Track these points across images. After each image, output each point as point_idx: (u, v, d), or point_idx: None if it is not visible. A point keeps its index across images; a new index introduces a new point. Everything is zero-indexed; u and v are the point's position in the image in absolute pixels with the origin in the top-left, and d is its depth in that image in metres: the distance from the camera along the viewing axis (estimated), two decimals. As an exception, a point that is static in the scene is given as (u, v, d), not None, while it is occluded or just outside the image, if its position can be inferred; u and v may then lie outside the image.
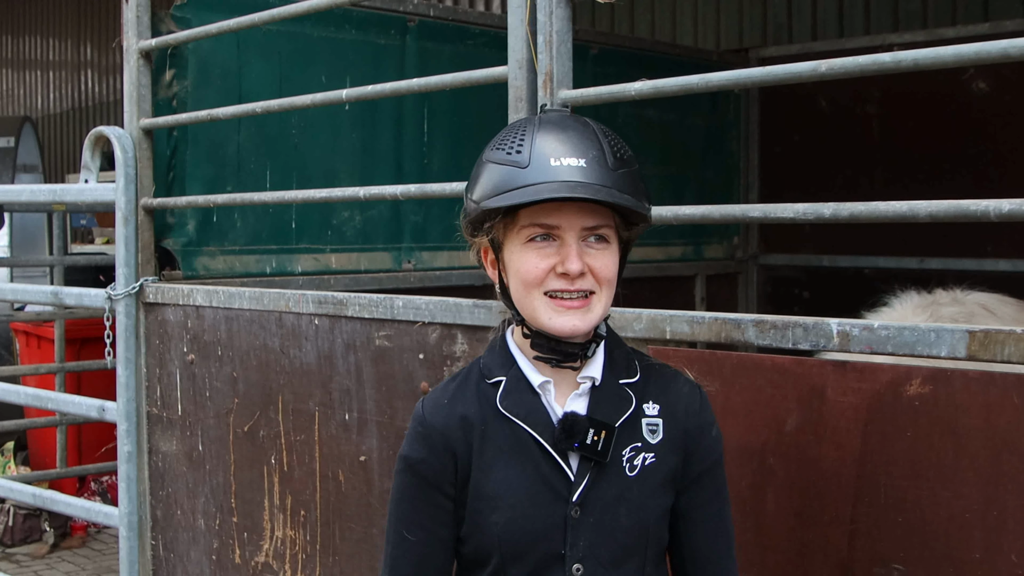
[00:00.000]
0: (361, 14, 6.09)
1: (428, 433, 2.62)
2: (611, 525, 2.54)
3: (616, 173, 2.49)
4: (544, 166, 2.46)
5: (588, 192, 2.42)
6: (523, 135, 2.53)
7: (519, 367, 2.63)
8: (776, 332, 3.12)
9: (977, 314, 4.22)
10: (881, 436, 2.90)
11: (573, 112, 3.69)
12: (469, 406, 2.62)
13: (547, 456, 2.55)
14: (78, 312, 8.94)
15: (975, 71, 7.27)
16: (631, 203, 2.48)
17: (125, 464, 5.46)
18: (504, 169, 2.50)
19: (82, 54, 20.71)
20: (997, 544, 2.72)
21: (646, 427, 2.60)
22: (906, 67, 2.90)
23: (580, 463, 2.55)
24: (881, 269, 7.78)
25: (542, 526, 2.53)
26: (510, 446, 2.58)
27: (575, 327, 2.51)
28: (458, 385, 2.69)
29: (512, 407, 2.59)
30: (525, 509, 2.54)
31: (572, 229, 2.49)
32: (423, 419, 2.65)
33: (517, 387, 2.61)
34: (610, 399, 2.60)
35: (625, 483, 2.55)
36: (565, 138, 2.51)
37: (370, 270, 6.22)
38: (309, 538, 4.68)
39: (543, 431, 2.56)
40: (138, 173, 5.40)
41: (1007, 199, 2.72)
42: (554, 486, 2.54)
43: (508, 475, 2.56)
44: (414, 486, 2.64)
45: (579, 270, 2.48)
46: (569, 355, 2.58)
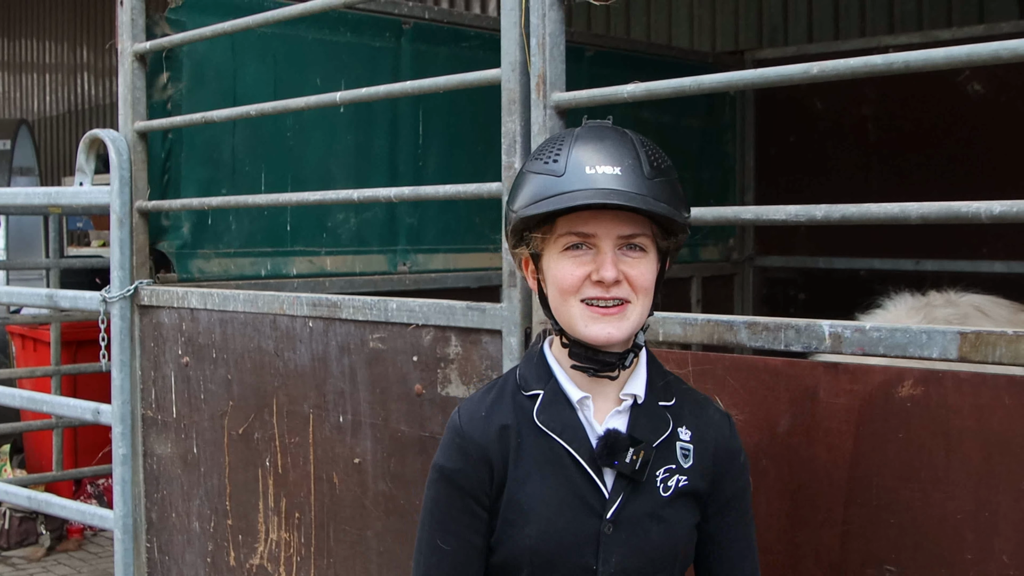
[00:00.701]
0: (356, 17, 6.09)
1: (465, 445, 2.63)
2: (642, 543, 2.55)
3: (652, 181, 2.49)
4: (579, 174, 2.48)
5: (622, 199, 2.44)
6: (561, 145, 2.55)
7: (557, 380, 2.64)
8: (768, 334, 3.12)
9: (971, 316, 4.22)
10: (873, 437, 2.90)
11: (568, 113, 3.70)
12: (507, 419, 2.63)
13: (582, 472, 2.56)
14: (74, 315, 8.93)
15: (970, 73, 7.27)
16: (667, 211, 2.49)
17: (120, 467, 5.46)
18: (541, 178, 2.52)
19: (78, 57, 20.72)
20: (989, 545, 2.72)
21: (680, 450, 2.62)
22: (897, 69, 2.90)
23: (615, 480, 2.56)
24: (877, 271, 7.79)
25: (574, 540, 2.54)
26: (545, 459, 2.58)
27: (610, 335, 2.52)
28: (495, 397, 2.69)
29: (549, 421, 2.60)
30: (558, 523, 2.55)
31: (608, 237, 2.50)
32: (460, 430, 2.65)
33: (555, 401, 2.62)
34: (650, 419, 2.61)
35: (658, 503, 2.57)
36: (601, 147, 2.53)
37: (365, 272, 6.22)
38: (303, 540, 4.68)
39: (579, 447, 2.57)
40: (133, 176, 5.40)
41: (998, 201, 2.72)
42: (588, 501, 2.55)
43: (543, 488, 2.57)
44: (450, 496, 2.64)
45: (614, 278, 2.49)
46: (607, 364, 2.59)
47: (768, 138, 8.40)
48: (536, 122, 3.70)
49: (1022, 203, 2.67)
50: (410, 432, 4.19)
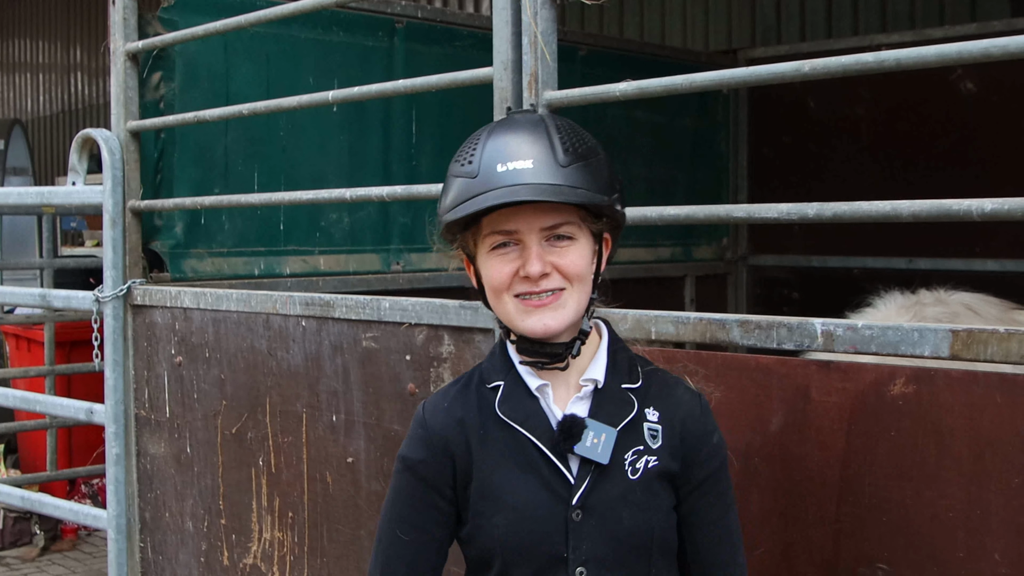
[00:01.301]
0: (349, 16, 6.09)
1: (427, 435, 2.65)
2: (614, 527, 2.53)
3: (567, 169, 2.48)
4: (491, 174, 2.47)
5: (532, 194, 2.43)
6: (475, 144, 2.55)
7: (517, 371, 2.64)
8: (761, 332, 3.13)
9: (961, 314, 4.22)
10: (865, 436, 2.90)
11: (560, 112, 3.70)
12: (468, 410, 2.64)
13: (546, 460, 2.56)
14: (68, 315, 8.92)
15: (963, 72, 7.28)
16: (584, 197, 2.48)
17: (113, 466, 5.46)
18: (460, 181, 2.52)
19: (71, 57, 20.72)
20: (980, 543, 2.72)
21: (648, 431, 2.59)
22: (889, 67, 2.91)
23: (581, 466, 2.55)
24: (870, 269, 7.80)
25: (543, 529, 2.53)
26: (510, 450, 2.58)
27: (547, 326, 2.52)
28: (459, 389, 2.70)
29: (510, 412, 2.60)
30: (526, 512, 2.54)
31: (531, 231, 2.50)
32: (423, 421, 2.67)
33: (515, 392, 2.62)
34: (612, 402, 2.60)
35: (627, 485, 2.55)
36: (513, 141, 2.51)
37: (358, 272, 6.22)
38: (297, 540, 4.68)
39: (541, 435, 2.57)
40: (125, 175, 5.40)
41: (989, 199, 2.73)
42: (555, 489, 2.54)
43: (509, 478, 2.56)
44: (412, 486, 2.66)
45: (539, 271, 2.49)
46: (555, 355, 2.59)
47: (762, 138, 8.41)
48: (528, 121, 3.70)
49: (1013, 201, 2.68)
50: (403, 431, 4.17)
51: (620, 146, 7.49)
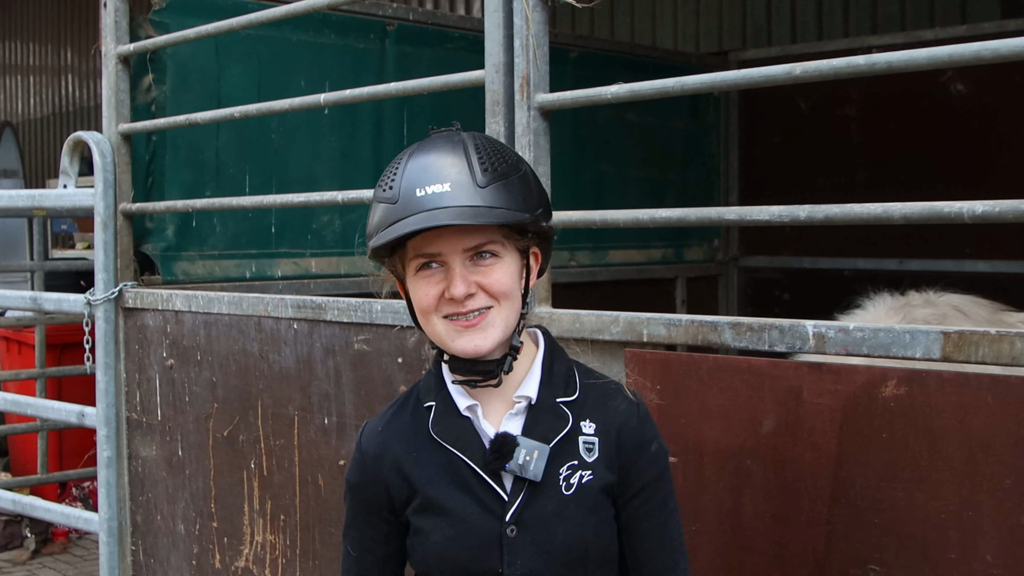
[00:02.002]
0: (340, 18, 6.09)
1: (363, 459, 2.73)
2: (548, 543, 2.54)
3: (486, 190, 2.47)
4: (410, 199, 2.47)
5: (448, 218, 2.42)
6: (396, 169, 2.54)
7: (448, 391, 2.66)
8: (752, 334, 3.13)
9: (949, 315, 4.23)
10: (857, 437, 2.91)
11: (552, 114, 3.71)
12: (403, 432, 2.68)
13: (479, 478, 2.57)
14: (59, 318, 8.92)
15: (953, 73, 7.30)
16: (503, 217, 2.47)
17: (105, 469, 5.46)
18: (382, 207, 2.52)
19: (62, 59, 20.70)
20: (973, 544, 2.73)
21: (583, 445, 2.60)
22: (880, 69, 2.91)
23: (514, 483, 2.56)
24: (861, 270, 7.81)
25: (478, 545, 2.56)
26: (445, 469, 2.61)
27: (477, 346, 2.53)
28: (395, 411, 2.75)
29: (442, 432, 2.62)
30: (461, 529, 2.57)
31: (454, 253, 2.50)
32: (360, 445, 2.75)
33: (446, 412, 2.64)
34: (546, 418, 2.61)
35: (562, 501, 2.56)
36: (430, 164, 2.51)
37: (350, 274, 6.22)
38: (289, 543, 4.68)
39: (473, 455, 2.58)
40: (117, 178, 5.40)
41: (980, 200, 2.73)
42: (489, 506, 2.57)
43: (445, 496, 2.59)
44: (353, 507, 2.77)
45: (463, 293, 2.49)
46: (487, 373, 2.59)
47: (752, 139, 8.42)
48: (520, 123, 3.71)
49: (1004, 203, 2.68)
50: (395, 434, 4.19)
51: (611, 148, 7.50)
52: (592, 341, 3.53)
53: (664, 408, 3.30)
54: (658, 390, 3.32)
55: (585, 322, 3.52)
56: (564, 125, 6.91)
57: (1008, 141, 7.19)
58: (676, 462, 3.28)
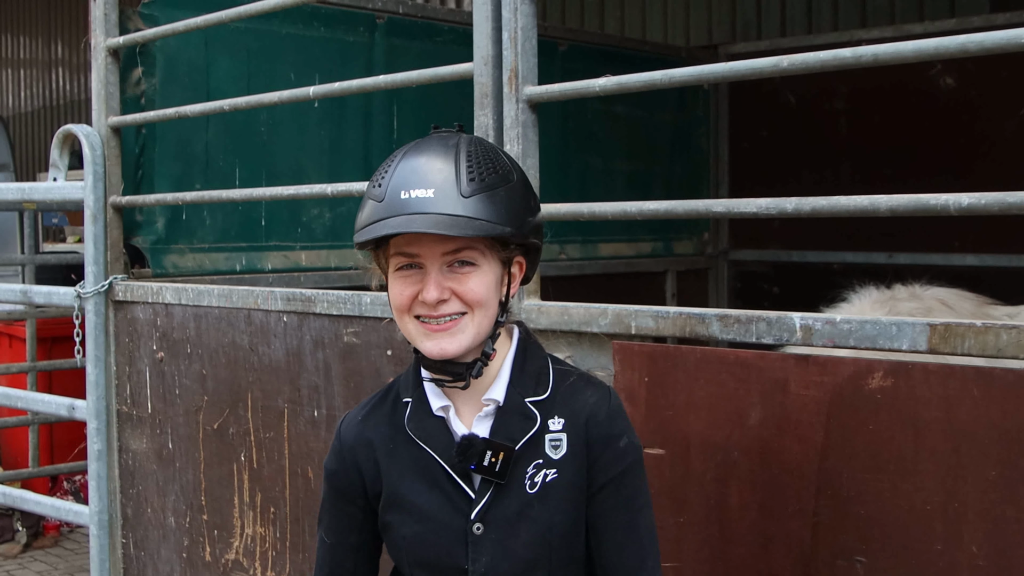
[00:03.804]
0: (329, 11, 6.09)
1: (341, 448, 2.77)
2: (512, 542, 2.58)
3: (469, 200, 2.49)
4: (395, 200, 2.49)
5: (425, 225, 2.44)
6: (388, 166, 2.58)
7: (423, 389, 2.69)
8: (740, 326, 3.14)
9: (935, 309, 4.24)
10: (843, 429, 2.92)
11: (540, 107, 3.72)
12: (380, 425, 2.73)
13: (448, 476, 2.61)
14: (49, 311, 8.91)
15: (942, 67, 7.32)
16: (479, 229, 2.49)
17: (95, 462, 5.46)
18: (370, 203, 2.55)
19: (52, 52, 20.67)
20: (958, 535, 2.74)
21: (549, 443, 2.62)
22: (866, 62, 2.92)
23: (481, 483, 2.60)
24: (850, 264, 7.83)
25: (445, 542, 2.60)
26: (417, 465, 2.65)
27: (443, 350, 2.55)
28: (376, 402, 2.80)
29: (416, 429, 2.66)
30: (429, 525, 2.61)
31: (432, 257, 2.53)
32: (339, 433, 2.80)
33: (420, 409, 2.68)
34: (513, 419, 2.63)
35: (526, 500, 2.59)
36: (419, 167, 2.53)
37: (340, 267, 6.22)
38: (279, 535, 4.68)
39: (443, 453, 2.62)
40: (106, 171, 5.40)
41: (966, 193, 2.74)
42: (456, 504, 2.60)
43: (415, 492, 2.64)
44: (329, 495, 2.82)
45: (435, 299, 2.52)
46: (456, 375, 2.62)
47: (741, 132, 8.44)
48: (508, 116, 3.71)
49: (990, 195, 2.70)
50: (384, 426, 4.19)
51: (600, 141, 7.51)
52: (580, 333, 3.54)
53: (651, 400, 3.32)
54: (646, 382, 3.33)
55: (573, 314, 3.53)
56: (553, 118, 6.92)
57: (995, 134, 7.21)
58: (663, 454, 3.29)
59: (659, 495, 3.29)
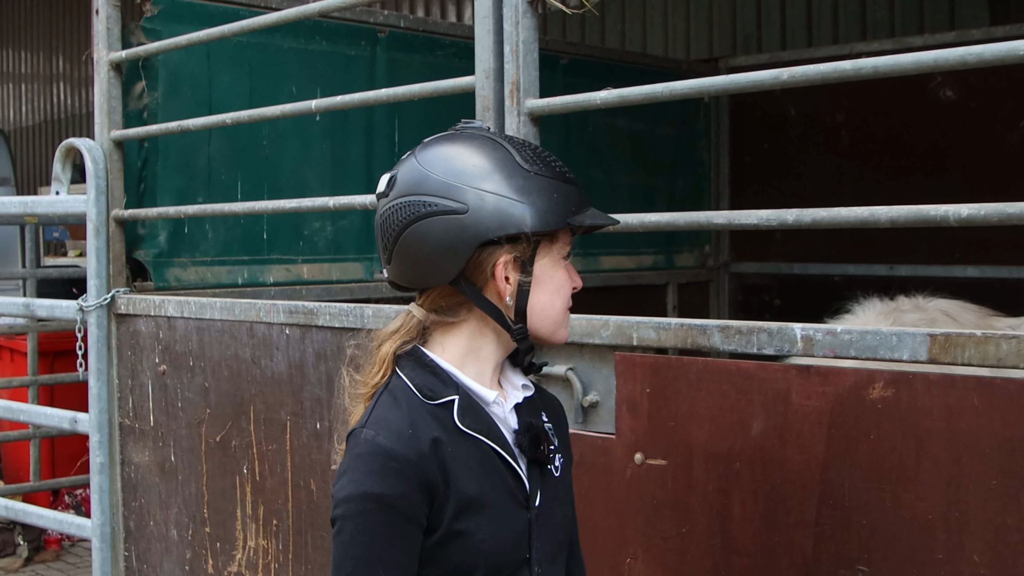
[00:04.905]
0: (331, 25, 6.10)
1: (400, 467, 2.44)
2: (552, 524, 2.63)
3: None
4: (578, 187, 2.56)
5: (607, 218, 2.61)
6: (538, 151, 2.57)
7: (467, 385, 2.60)
8: (741, 337, 3.15)
9: (939, 320, 4.25)
10: (844, 439, 2.93)
11: (541, 120, 3.74)
12: (432, 430, 2.51)
13: (509, 468, 2.59)
14: (51, 325, 8.92)
15: (942, 79, 7.33)
16: None
17: (97, 475, 5.47)
18: (567, 188, 2.53)
19: (54, 66, 20.70)
20: (959, 545, 2.75)
21: (550, 431, 2.69)
22: (866, 74, 2.94)
23: (529, 470, 2.60)
24: (851, 276, 7.84)
25: (515, 535, 2.56)
26: (477, 463, 2.55)
27: (567, 336, 2.66)
28: (406, 411, 2.54)
29: (473, 424, 2.55)
30: (503, 521, 2.55)
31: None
32: (391, 452, 2.45)
33: (471, 405, 2.59)
34: (532, 408, 2.69)
35: (555, 483, 2.66)
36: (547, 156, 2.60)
37: (342, 280, 6.23)
38: (282, 547, 4.69)
39: (503, 444, 2.59)
40: (109, 185, 5.41)
41: (966, 204, 2.76)
42: (516, 495, 2.58)
43: (483, 492, 2.53)
44: (390, 524, 2.44)
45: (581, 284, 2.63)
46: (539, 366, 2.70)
47: (742, 145, 8.45)
48: (510, 129, 3.73)
49: (988, 206, 2.71)
50: (387, 438, 4.20)
51: (601, 154, 7.52)
52: (582, 345, 3.55)
53: (653, 411, 3.33)
54: (648, 393, 3.34)
55: (575, 326, 3.54)
56: (554, 131, 6.93)
57: (995, 145, 7.22)
58: (665, 464, 3.30)
59: (662, 506, 3.30)
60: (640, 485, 3.36)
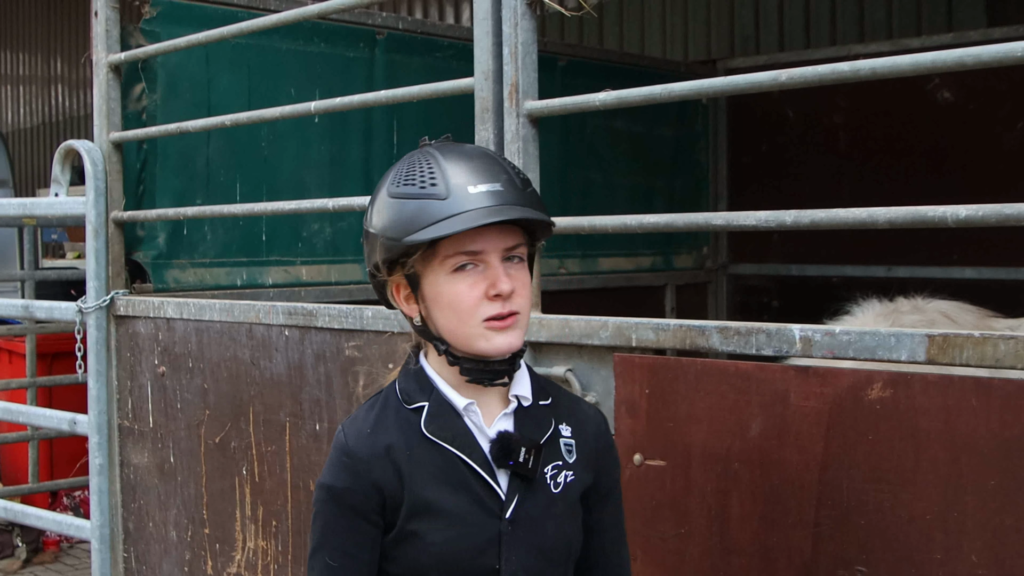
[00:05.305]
0: (330, 27, 6.11)
1: (353, 463, 2.62)
2: (540, 540, 2.61)
3: (525, 192, 2.55)
4: (464, 194, 2.49)
5: (515, 213, 2.48)
6: (431, 167, 2.55)
7: (440, 391, 2.65)
8: (740, 338, 3.16)
9: (938, 321, 4.25)
10: (843, 440, 2.93)
11: (540, 121, 3.74)
12: (392, 434, 2.63)
13: (477, 476, 2.60)
14: (49, 327, 8.92)
15: (940, 81, 7.34)
16: (544, 218, 2.56)
17: (97, 477, 5.47)
18: (421, 203, 2.51)
19: (52, 68, 20.68)
20: (957, 545, 2.75)
21: (563, 446, 2.68)
22: (864, 76, 2.94)
23: (510, 481, 2.61)
24: (849, 278, 7.84)
25: (478, 543, 2.59)
26: (440, 469, 2.61)
27: (511, 345, 2.56)
28: (378, 413, 2.69)
29: (438, 431, 2.62)
30: (462, 528, 2.59)
31: (495, 252, 2.53)
32: (346, 448, 2.64)
33: (441, 411, 2.64)
34: (534, 418, 2.67)
35: (551, 499, 2.63)
36: (475, 166, 2.55)
37: (340, 282, 6.23)
38: (281, 548, 4.69)
39: (471, 452, 2.61)
40: (108, 186, 5.42)
41: (964, 205, 2.76)
42: (486, 504, 2.60)
43: (442, 496, 2.59)
44: (339, 514, 2.64)
45: (511, 289, 2.52)
46: (499, 372, 2.63)
47: (741, 147, 8.46)
48: (509, 130, 3.73)
49: (987, 207, 2.71)
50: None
51: (600, 155, 7.53)
52: (581, 346, 3.56)
53: (652, 412, 3.33)
54: (646, 394, 3.35)
55: (574, 327, 3.55)
56: (553, 132, 6.94)
57: (993, 147, 7.23)
58: (664, 465, 3.30)
59: (660, 506, 3.31)
60: (639, 486, 3.37)
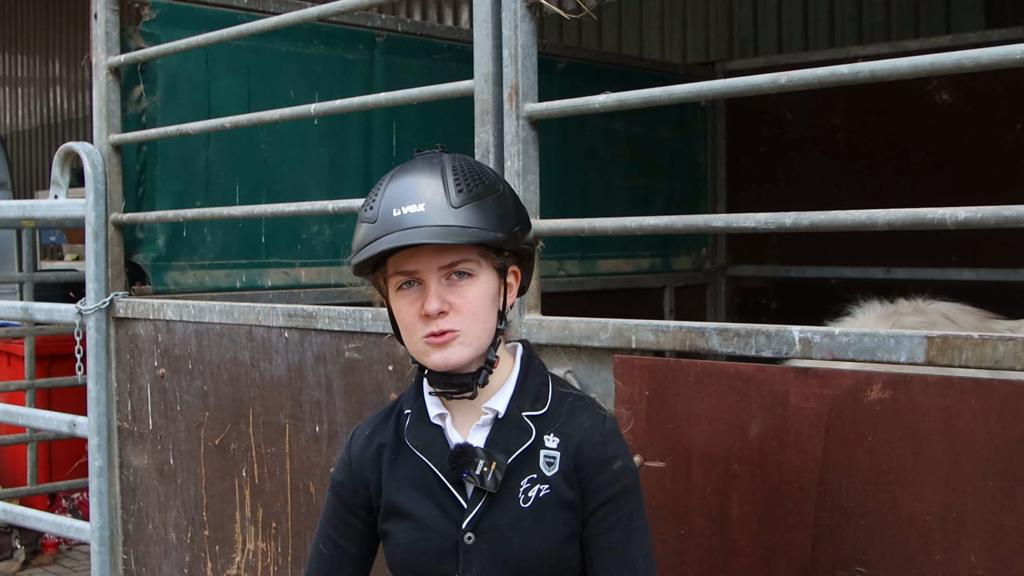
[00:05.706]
0: (329, 29, 6.11)
1: (349, 460, 2.85)
2: (504, 553, 2.63)
3: (460, 210, 2.56)
4: (387, 219, 2.57)
5: (420, 236, 2.52)
6: (378, 190, 2.66)
7: (423, 400, 2.76)
8: (740, 340, 3.16)
9: (938, 323, 4.26)
10: (843, 441, 2.94)
11: (540, 123, 3.74)
12: (386, 437, 2.80)
13: (442, 485, 2.67)
14: (48, 329, 8.92)
15: (938, 83, 7.35)
16: (473, 236, 2.56)
17: (96, 478, 5.47)
18: (363, 226, 2.63)
19: (51, 71, 20.70)
20: (957, 545, 2.76)
21: (543, 459, 2.67)
22: (863, 78, 2.95)
23: (474, 492, 2.65)
24: (848, 279, 7.85)
25: (437, 549, 2.65)
26: (414, 474, 2.71)
27: (447, 361, 2.61)
28: (382, 417, 2.86)
29: (414, 439, 2.73)
30: (422, 533, 2.67)
31: (430, 271, 2.59)
32: (348, 446, 2.88)
33: (420, 419, 2.76)
34: (510, 431, 2.68)
35: (520, 513, 2.64)
36: (408, 185, 2.61)
37: (340, 284, 6.23)
38: (281, 550, 4.70)
39: (438, 461, 2.68)
40: (107, 188, 5.42)
41: (963, 207, 2.77)
42: (449, 513, 2.66)
43: (410, 500, 2.70)
44: (333, 505, 2.88)
45: (436, 309, 2.57)
46: (462, 386, 2.68)
47: (739, 149, 8.46)
48: (509, 132, 3.74)
49: (986, 209, 2.72)
50: (386, 441, 4.20)
51: (599, 158, 7.53)
52: (581, 348, 3.56)
53: (652, 413, 3.34)
54: (646, 395, 3.35)
55: (574, 329, 3.55)
56: (552, 134, 6.94)
57: (992, 148, 7.24)
58: (664, 466, 3.31)
59: (661, 507, 3.31)
60: (639, 487, 3.37)
